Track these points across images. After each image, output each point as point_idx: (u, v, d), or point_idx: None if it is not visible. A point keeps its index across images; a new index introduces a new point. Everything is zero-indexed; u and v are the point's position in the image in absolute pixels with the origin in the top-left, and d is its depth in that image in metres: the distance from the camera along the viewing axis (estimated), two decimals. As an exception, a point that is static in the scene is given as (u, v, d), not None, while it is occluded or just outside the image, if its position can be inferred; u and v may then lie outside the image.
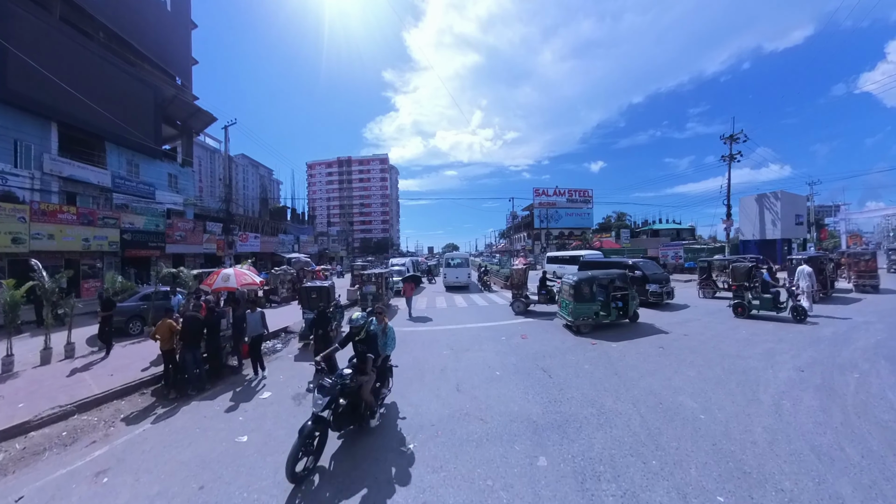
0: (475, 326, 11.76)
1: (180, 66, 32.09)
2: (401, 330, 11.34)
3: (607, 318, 10.52)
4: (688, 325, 11.45)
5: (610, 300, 10.74)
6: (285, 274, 18.81)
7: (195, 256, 31.47)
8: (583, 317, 10.14)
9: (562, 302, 11.09)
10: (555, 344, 9.30)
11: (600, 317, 10.37)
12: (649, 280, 14.31)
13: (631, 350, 8.74)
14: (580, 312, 10.14)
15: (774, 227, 41.01)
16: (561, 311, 11.13)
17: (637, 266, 14.83)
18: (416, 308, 16.16)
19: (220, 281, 10.46)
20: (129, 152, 28.65)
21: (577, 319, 10.10)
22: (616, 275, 11.06)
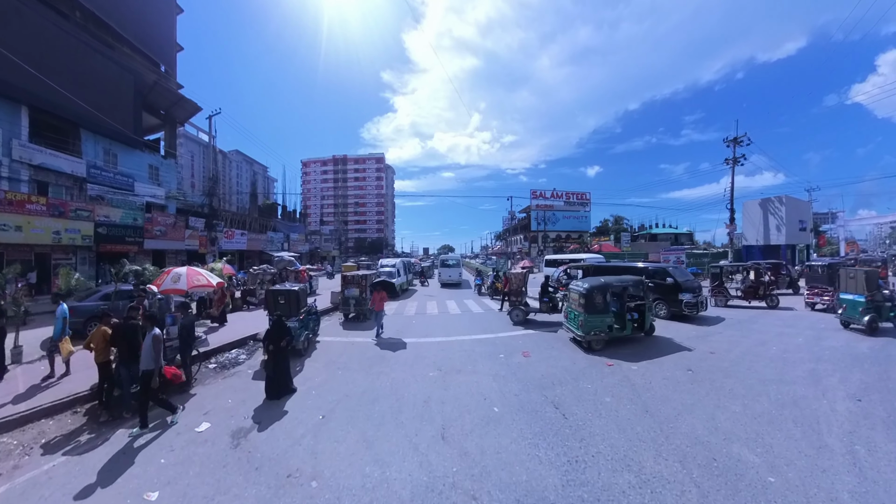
0: (469, 339, 10.30)
1: (164, 52, 30.44)
2: (384, 342, 10.06)
3: (622, 332, 9.14)
4: (710, 340, 10.18)
5: (625, 311, 9.36)
6: (265, 273, 17.29)
7: (177, 253, 29.79)
8: (595, 331, 8.76)
9: (569, 312, 9.70)
10: (563, 364, 7.87)
11: (614, 331, 8.98)
12: (682, 288, 12.51)
13: (655, 373, 7.37)
14: (592, 326, 8.76)
15: (779, 232, 40.01)
16: (568, 323, 9.74)
17: (668, 272, 13.07)
18: (405, 314, 14.73)
19: (169, 282, 8.99)
20: (107, 141, 26.97)
21: (588, 334, 8.72)
22: (631, 282, 9.71)
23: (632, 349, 9.05)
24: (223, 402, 6.73)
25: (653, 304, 12.16)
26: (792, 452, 4.60)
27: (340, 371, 7.63)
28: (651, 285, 12.46)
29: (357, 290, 12.58)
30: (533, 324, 11.95)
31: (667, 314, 12.68)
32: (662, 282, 12.94)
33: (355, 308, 12.54)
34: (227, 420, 5.81)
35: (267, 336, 7.00)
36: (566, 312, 9.93)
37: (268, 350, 6.92)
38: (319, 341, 10.23)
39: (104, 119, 24.65)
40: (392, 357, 8.74)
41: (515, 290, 12.13)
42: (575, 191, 75.09)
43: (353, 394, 6.43)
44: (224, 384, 7.75)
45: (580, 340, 8.97)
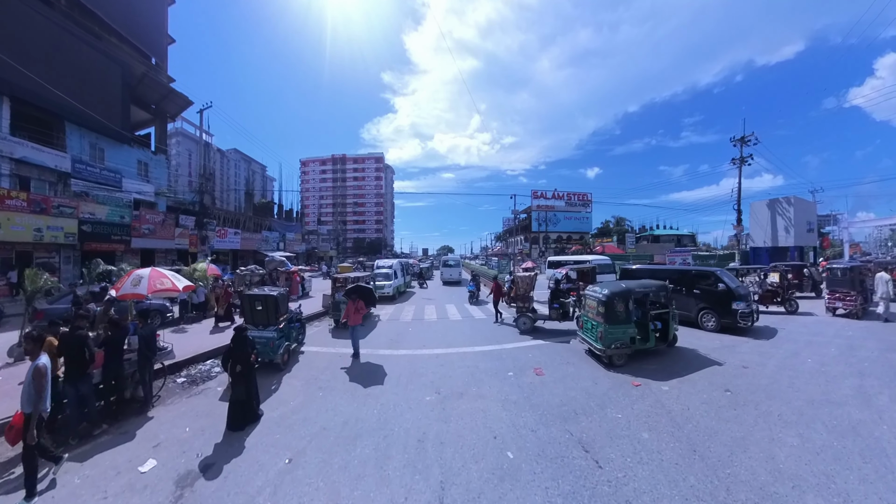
0: (471, 352, 9.04)
1: (154, 43, 29.36)
2: (375, 354, 8.90)
3: (645, 345, 8.06)
4: (737, 351, 9.21)
5: (648, 320, 8.29)
6: (252, 275, 16.20)
7: (167, 252, 28.72)
8: (617, 343, 7.68)
9: (585, 322, 8.63)
10: (584, 385, 6.72)
11: (637, 343, 7.90)
12: (735, 296, 10.71)
13: (690, 396, 6.32)
14: (614, 338, 7.68)
15: (787, 233, 39.06)
16: (583, 334, 8.66)
17: (718, 277, 11.29)
18: (401, 319, 13.63)
19: (129, 285, 7.93)
20: (93, 135, 25.92)
21: (609, 347, 7.64)
22: (654, 287, 8.63)
23: (657, 364, 7.99)
24: (180, 430, 5.66)
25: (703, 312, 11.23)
26: (872, 500, 3.71)
27: (321, 392, 6.55)
28: (697, 292, 11.43)
29: (348, 294, 11.56)
30: (541, 332, 10.84)
31: (716, 326, 10.97)
32: (712, 288, 11.23)
33: None
34: (177, 457, 4.74)
35: (229, 355, 5.91)
36: (581, 321, 8.85)
37: (234, 373, 5.83)
38: (304, 352, 9.14)
39: (88, 112, 23.62)
40: (383, 374, 7.60)
41: (522, 296, 11.06)
42: (576, 191, 74.00)
43: (332, 426, 5.34)
44: (187, 405, 6.70)
45: (599, 354, 7.88)
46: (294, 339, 8.90)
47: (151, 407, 6.70)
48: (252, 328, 8.28)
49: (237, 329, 6.26)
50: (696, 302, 11.50)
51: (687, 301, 11.59)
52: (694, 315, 11.42)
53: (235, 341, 6.08)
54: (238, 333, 6.16)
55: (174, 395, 7.36)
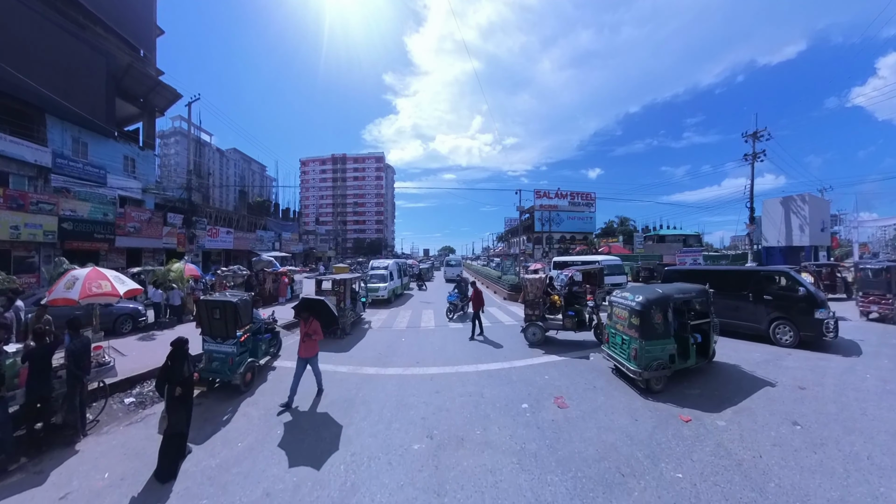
0: (474, 371, 7.51)
1: (141, 35, 28.10)
2: (357, 373, 7.41)
3: (686, 363, 6.67)
4: (784, 365, 7.88)
5: (688, 333, 6.91)
6: (235, 276, 14.86)
7: (154, 252, 27.43)
8: (655, 363, 6.26)
9: (612, 335, 7.21)
10: (621, 423, 5.23)
11: (677, 362, 6.50)
12: (818, 302, 9.00)
13: (755, 434, 4.98)
14: (651, 357, 6.28)
15: (802, 232, 37.57)
16: (610, 350, 7.23)
17: (794, 278, 9.62)
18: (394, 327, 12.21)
19: (62, 288, 6.60)
20: (76, 128, 24.70)
21: (646, 369, 6.21)
22: (694, 292, 7.23)
23: (700, 386, 6.62)
24: (98, 475, 4.40)
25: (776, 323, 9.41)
26: None
27: (280, 430, 5.16)
28: (768, 299, 9.66)
29: (334, 299, 10.13)
30: (554, 344, 9.42)
31: (793, 340, 9.11)
32: (789, 293, 9.38)
33: None
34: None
35: (164, 374, 4.60)
36: (607, 334, 7.42)
37: (172, 397, 4.56)
38: (276, 368, 7.76)
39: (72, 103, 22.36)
40: (363, 404, 6.06)
41: (532, 301, 9.64)
42: (579, 190, 72.58)
43: (279, 491, 3.90)
44: (124, 436, 5.44)
45: (632, 376, 6.45)
46: (263, 353, 7.54)
47: (83, 437, 5.45)
48: (209, 341, 6.95)
49: (175, 343, 4.96)
50: (766, 311, 9.58)
51: (755, 310, 9.80)
52: (765, 327, 9.58)
53: (173, 357, 4.81)
54: (176, 347, 4.88)
55: (116, 420, 6.15)
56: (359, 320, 12.12)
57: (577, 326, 9.20)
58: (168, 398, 4.69)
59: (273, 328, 8.32)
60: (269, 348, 7.97)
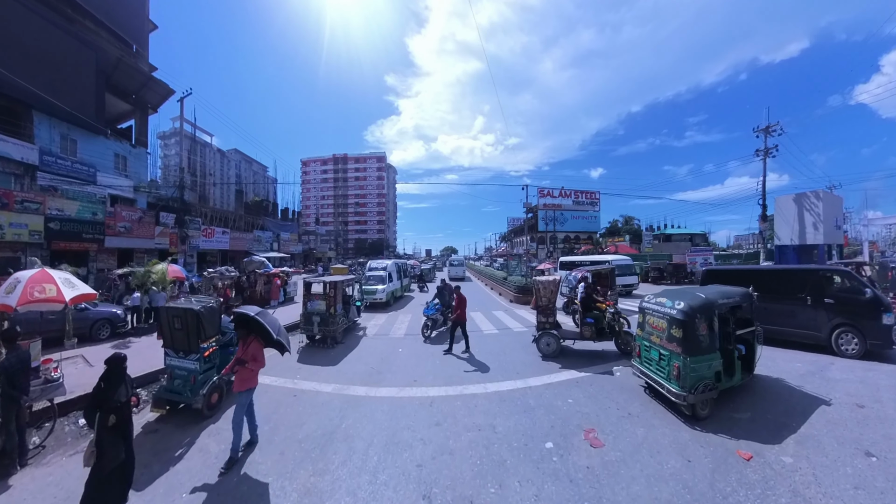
0: (482, 392, 6.29)
1: (133, 29, 27.25)
2: (343, 394, 6.27)
3: (731, 382, 5.62)
4: (829, 378, 6.89)
5: (733, 345, 5.86)
6: (223, 277, 13.87)
7: (146, 252, 26.51)
8: (702, 384, 5.19)
9: (647, 349, 6.12)
10: (674, 467, 4.13)
11: (723, 381, 5.44)
12: (884, 306, 7.89)
13: (830, 472, 4.02)
14: (697, 376, 5.19)
15: (816, 230, 36.18)
16: (644, 366, 6.11)
17: (857, 279, 8.61)
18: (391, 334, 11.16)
19: (2, 293, 5.59)
20: (65, 125, 23.85)
21: (691, 390, 5.13)
22: (740, 296, 6.16)
23: (747, 408, 5.59)
24: None
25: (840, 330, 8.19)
26: None
27: (235, 477, 4.08)
28: (830, 302, 8.43)
29: (323, 304, 9.10)
30: (570, 355, 8.33)
31: (858, 350, 7.95)
32: (854, 295, 8.23)
33: (320, 328, 9.11)
34: None
35: (95, 399, 3.68)
36: (638, 347, 6.32)
37: (104, 427, 3.67)
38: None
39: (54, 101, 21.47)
40: (345, 441, 4.83)
41: (544, 307, 8.44)
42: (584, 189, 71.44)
43: None
44: (64, 468, 4.58)
45: (674, 400, 5.35)
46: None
47: (19, 468, 4.59)
48: (172, 355, 5.93)
49: (109, 361, 4.02)
50: (828, 316, 8.39)
51: (814, 315, 8.60)
52: (826, 335, 8.40)
53: (107, 378, 3.87)
54: (111, 366, 3.94)
55: (64, 446, 5.21)
56: (353, 326, 11.05)
57: (597, 335, 8.09)
58: (98, 429, 3.74)
59: None
60: None
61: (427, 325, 10.40)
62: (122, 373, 4.03)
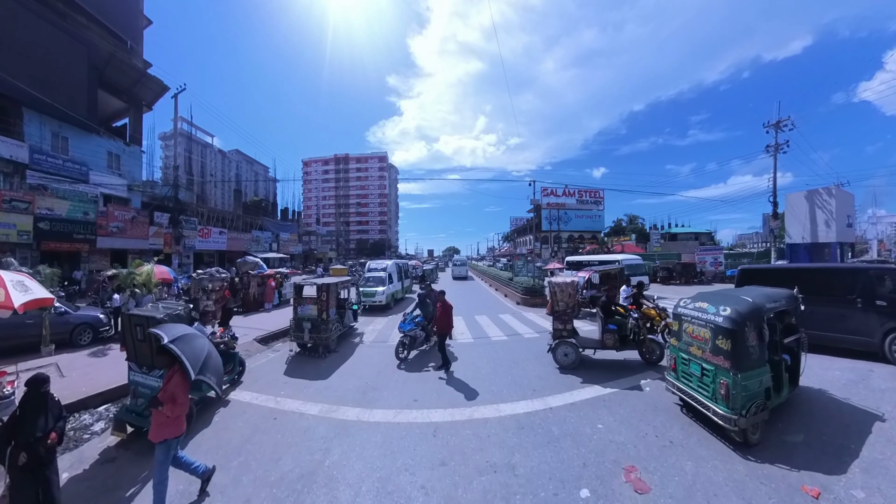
0: (495, 416, 5.23)
1: (127, 25, 26.52)
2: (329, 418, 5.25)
3: (779, 398, 4.81)
4: (874, 387, 6.17)
5: (780, 356, 5.00)
6: (213, 279, 13.05)
7: (141, 253, 25.79)
8: (754, 405, 4.34)
9: (685, 363, 5.24)
10: None
11: (773, 398, 4.61)
12: None
13: None
14: (749, 395, 4.35)
15: (829, 228, 35.13)
16: (684, 383, 5.21)
17: None
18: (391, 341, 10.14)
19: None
20: (56, 123, 23.13)
21: (743, 412, 4.26)
22: (786, 299, 5.30)
23: (797, 426, 4.81)
24: None
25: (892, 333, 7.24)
26: None
27: None
28: (882, 304, 7.51)
29: (315, 309, 8.27)
30: (590, 366, 7.44)
31: None
32: None
33: (311, 335, 8.26)
34: None
35: (9, 429, 2.94)
36: (673, 359, 5.43)
37: (14, 466, 2.99)
38: (231, 401, 5.88)
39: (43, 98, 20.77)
40: (326, 486, 3.83)
41: (561, 312, 7.45)
42: (588, 188, 70.43)
43: None
44: None
45: (722, 424, 4.47)
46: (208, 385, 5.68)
47: None
48: (135, 369, 5.12)
49: (29, 382, 3.21)
50: (880, 320, 7.52)
51: (865, 319, 7.72)
52: (878, 340, 7.48)
53: (24, 404, 3.07)
54: (29, 389, 3.15)
55: None
56: (348, 332, 10.18)
57: (620, 344, 7.20)
58: (9, 467, 2.98)
59: (230, 351, 6.44)
60: (219, 380, 6.08)
61: (403, 343, 8.13)
62: (42, 399, 3.22)
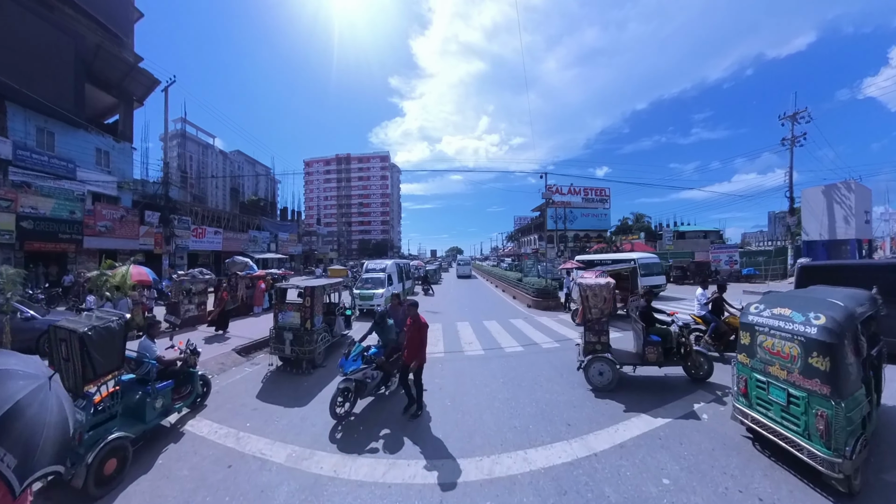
0: (523, 472, 3.78)
1: (117, 17, 25.47)
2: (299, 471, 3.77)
3: (873, 425, 3.64)
4: None
5: (869, 374, 3.83)
6: (194, 281, 11.91)
7: (131, 254, 24.70)
8: (858, 441, 3.23)
9: (760, 386, 3.99)
10: None
11: (868, 427, 3.45)
12: None
13: None
14: (853, 428, 3.20)
15: (847, 224, 33.68)
16: (759, 412, 3.94)
17: None
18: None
19: None
20: (41, 118, 22.09)
21: (848, 452, 3.08)
22: (868, 302, 4.11)
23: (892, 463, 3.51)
24: None
25: None
26: None
27: None
28: None
29: (297, 317, 7.06)
30: (627, 384, 6.13)
31: None
32: None
33: (294, 347, 6.92)
34: None
35: None
36: (744, 382, 4.16)
37: None
38: (184, 434, 4.68)
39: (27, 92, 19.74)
40: None
41: (595, 321, 6.03)
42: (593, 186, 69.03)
43: None
44: None
45: (821, 469, 3.27)
46: (158, 413, 4.50)
47: None
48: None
49: None
50: None
51: None
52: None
53: None
54: None
55: None
56: (340, 342, 8.86)
57: (664, 357, 5.92)
58: None
59: (187, 367, 5.22)
60: (173, 404, 4.87)
61: (344, 392, 5.18)
62: None
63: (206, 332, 10.59)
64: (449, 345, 9.38)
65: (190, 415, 5.27)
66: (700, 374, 6.37)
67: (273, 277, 15.56)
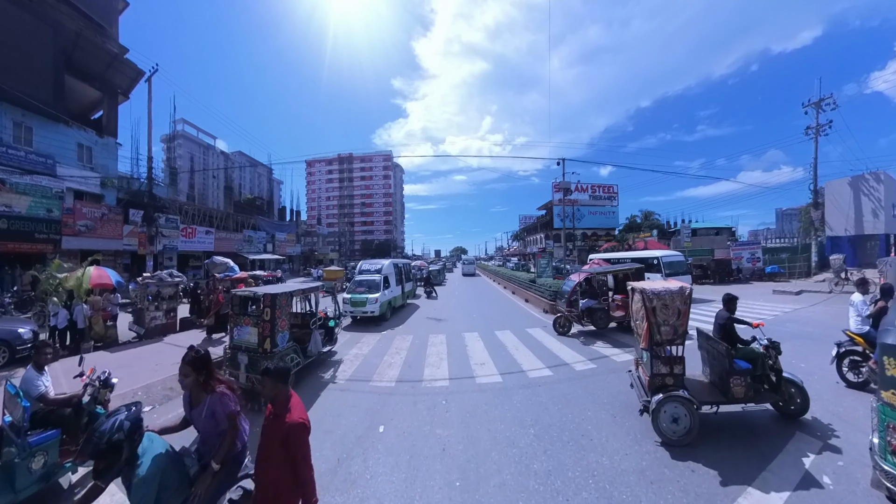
0: None
1: (99, 6, 24.04)
2: None
3: None
4: None
5: None
6: (163, 284, 10.34)
7: (115, 255, 23.32)
8: None
9: None
10: None
11: None
12: None
13: None
14: None
15: (876, 218, 31.68)
16: None
17: None
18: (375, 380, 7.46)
19: None
20: (18, 111, 20.65)
21: None
22: None
23: None
24: None
25: None
26: None
27: None
28: None
29: (254, 333, 5.30)
30: (705, 433, 4.20)
31: None
32: None
33: (249, 373, 5.22)
34: None
35: None
36: (893, 430, 2.52)
37: None
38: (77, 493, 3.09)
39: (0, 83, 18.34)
40: None
41: (666, 343, 4.19)
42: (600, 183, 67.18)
43: None
44: None
45: None
46: (38, 477, 2.92)
47: None
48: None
49: None
50: None
51: None
52: None
53: None
54: None
55: None
56: (317, 361, 7.23)
57: (755, 393, 4.19)
58: None
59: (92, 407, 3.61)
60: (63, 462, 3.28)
61: None
62: None
63: (173, 343, 9.06)
64: (455, 366, 7.52)
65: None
66: (792, 408, 4.69)
67: (256, 279, 13.93)
